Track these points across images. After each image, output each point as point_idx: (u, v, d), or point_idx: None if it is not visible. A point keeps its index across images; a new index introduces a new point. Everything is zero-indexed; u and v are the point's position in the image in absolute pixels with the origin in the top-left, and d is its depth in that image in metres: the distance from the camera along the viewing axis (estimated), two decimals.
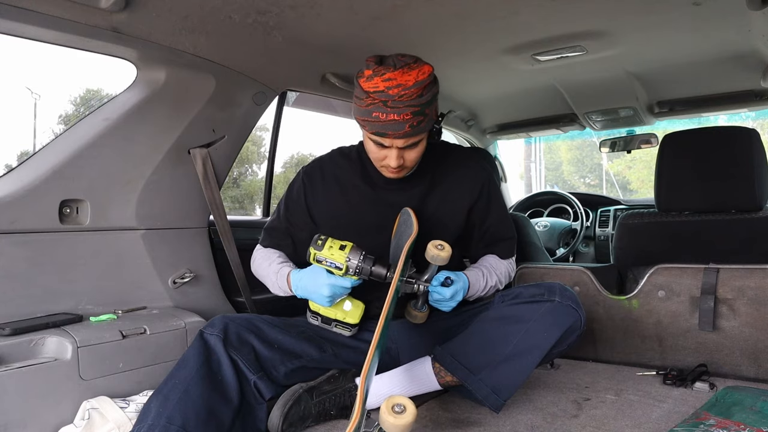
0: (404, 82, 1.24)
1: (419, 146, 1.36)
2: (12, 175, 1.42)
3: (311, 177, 1.56)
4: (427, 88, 1.27)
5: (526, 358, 1.31)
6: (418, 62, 1.28)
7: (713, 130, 1.91)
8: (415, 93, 1.25)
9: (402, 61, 1.27)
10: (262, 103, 1.86)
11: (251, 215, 6.02)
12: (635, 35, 1.80)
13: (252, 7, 1.45)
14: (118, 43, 1.40)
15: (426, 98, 1.27)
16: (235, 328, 1.29)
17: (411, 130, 1.27)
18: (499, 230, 1.58)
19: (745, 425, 1.17)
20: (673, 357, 1.79)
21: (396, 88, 1.24)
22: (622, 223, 2.02)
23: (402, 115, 1.25)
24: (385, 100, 1.25)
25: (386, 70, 1.26)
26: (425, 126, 1.30)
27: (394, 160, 1.34)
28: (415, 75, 1.26)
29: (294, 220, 1.57)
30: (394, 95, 1.24)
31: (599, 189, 15.70)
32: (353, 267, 1.30)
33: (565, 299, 1.35)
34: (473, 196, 1.52)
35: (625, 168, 15.56)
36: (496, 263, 1.56)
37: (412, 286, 1.36)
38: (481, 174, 1.55)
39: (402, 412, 0.88)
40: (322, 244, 1.32)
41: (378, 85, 1.25)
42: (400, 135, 1.28)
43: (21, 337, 1.28)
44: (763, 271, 1.64)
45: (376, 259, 1.32)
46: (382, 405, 0.90)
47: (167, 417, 1.10)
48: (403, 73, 1.25)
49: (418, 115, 1.26)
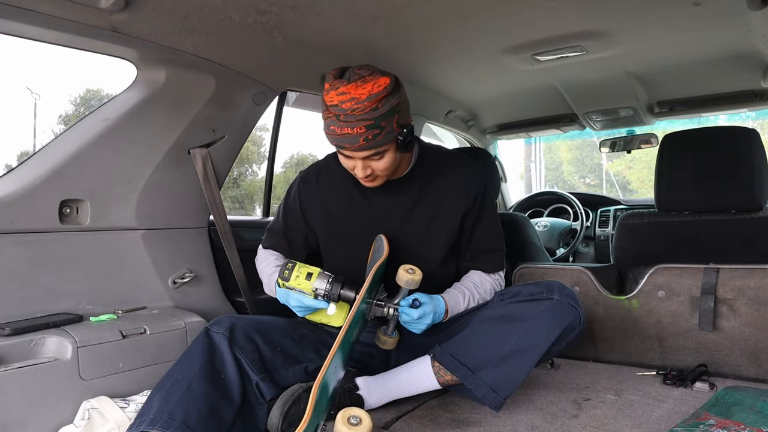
0: (357, 95, 1.23)
1: (386, 157, 1.34)
2: (12, 175, 1.42)
3: (307, 182, 1.59)
4: (383, 101, 1.25)
5: (525, 356, 1.31)
6: (374, 74, 1.26)
7: (713, 130, 1.91)
8: (368, 107, 1.23)
9: (358, 74, 1.25)
10: (262, 103, 1.86)
11: (251, 215, 6.02)
12: (635, 35, 1.80)
13: (252, 7, 1.45)
14: (118, 43, 1.40)
15: (381, 111, 1.25)
16: (241, 327, 1.30)
17: (366, 144, 1.27)
18: (488, 240, 1.56)
19: (745, 425, 1.17)
20: (673, 357, 1.79)
21: (349, 102, 1.23)
22: (622, 223, 2.02)
23: (355, 129, 1.24)
24: (338, 114, 1.25)
25: (341, 84, 1.24)
26: (382, 139, 1.28)
27: (360, 171, 1.35)
28: (370, 88, 1.24)
29: (290, 223, 1.60)
30: (346, 109, 1.23)
31: (599, 189, 15.71)
32: (321, 294, 1.32)
33: (564, 297, 1.35)
34: (468, 202, 1.50)
35: (625, 168, 15.57)
36: (480, 281, 1.55)
37: (382, 309, 1.37)
38: (478, 181, 1.53)
39: (358, 423, 0.88)
40: (289, 274, 1.33)
41: (333, 99, 1.25)
42: (355, 148, 1.28)
43: (21, 337, 1.28)
44: (763, 271, 1.64)
45: (345, 282, 1.33)
46: (338, 415, 0.90)
47: (169, 413, 1.10)
48: (357, 87, 1.23)
49: (373, 128, 1.25)
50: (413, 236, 1.50)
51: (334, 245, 1.58)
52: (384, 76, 1.27)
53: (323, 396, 0.99)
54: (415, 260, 1.42)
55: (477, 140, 3.21)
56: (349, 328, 1.16)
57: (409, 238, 1.50)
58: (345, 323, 1.13)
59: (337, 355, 1.10)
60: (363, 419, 0.89)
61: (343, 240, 1.55)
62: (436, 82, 2.30)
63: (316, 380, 0.95)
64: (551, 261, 2.83)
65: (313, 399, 0.90)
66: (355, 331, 1.30)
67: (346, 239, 1.55)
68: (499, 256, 1.58)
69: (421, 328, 1.38)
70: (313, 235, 1.61)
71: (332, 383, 1.10)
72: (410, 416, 1.42)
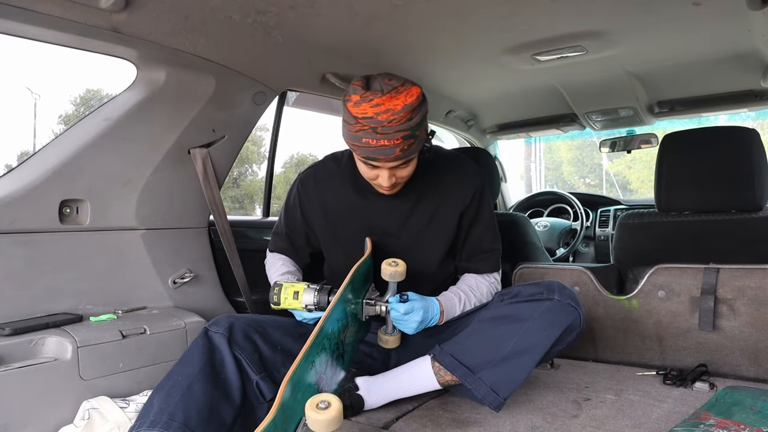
0: (393, 107, 1.22)
1: (411, 164, 1.35)
2: (12, 175, 1.42)
3: (306, 184, 1.59)
4: (416, 110, 1.25)
5: (525, 356, 1.31)
6: (405, 85, 1.26)
7: (713, 130, 1.91)
8: (404, 117, 1.22)
9: (389, 84, 1.24)
10: (262, 103, 1.86)
11: (251, 215, 6.02)
12: (635, 35, 1.80)
13: (252, 7, 1.45)
14: (118, 43, 1.40)
15: (416, 121, 1.25)
16: (240, 327, 1.30)
17: (402, 154, 1.26)
18: (484, 241, 1.55)
19: (745, 425, 1.17)
20: (673, 357, 1.79)
21: (385, 114, 1.21)
22: (622, 223, 2.02)
23: (393, 141, 1.23)
24: (374, 127, 1.22)
25: (374, 96, 1.22)
26: (416, 148, 1.29)
27: (386, 180, 1.34)
28: (404, 99, 1.23)
29: (292, 226, 1.62)
30: (383, 121, 1.21)
31: (599, 189, 15.70)
32: (312, 308, 1.34)
33: (564, 298, 1.35)
34: (465, 201, 1.50)
35: (625, 168, 15.57)
36: (476, 284, 1.54)
37: (374, 307, 1.37)
38: (476, 180, 1.53)
39: (327, 407, 0.89)
40: (278, 298, 1.35)
41: (366, 111, 1.22)
42: (391, 159, 1.28)
43: (21, 337, 1.28)
44: (763, 271, 1.64)
45: (331, 290, 1.34)
46: (307, 403, 0.90)
47: (169, 414, 1.10)
48: (391, 98, 1.22)
49: (409, 138, 1.25)
50: (412, 236, 1.50)
51: (334, 245, 1.58)
52: (414, 85, 1.27)
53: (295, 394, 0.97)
54: (415, 260, 1.43)
55: (477, 140, 3.21)
56: (326, 324, 1.13)
57: (408, 238, 1.50)
58: (321, 320, 1.11)
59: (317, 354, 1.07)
60: (332, 402, 0.89)
61: (343, 240, 1.56)
62: (436, 82, 2.30)
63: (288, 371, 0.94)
64: (551, 261, 2.83)
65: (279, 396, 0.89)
66: (350, 332, 1.30)
67: (346, 239, 1.55)
68: (495, 256, 1.58)
69: (412, 326, 1.37)
70: (315, 236, 1.61)
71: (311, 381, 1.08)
72: (410, 416, 1.42)
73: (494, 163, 2.49)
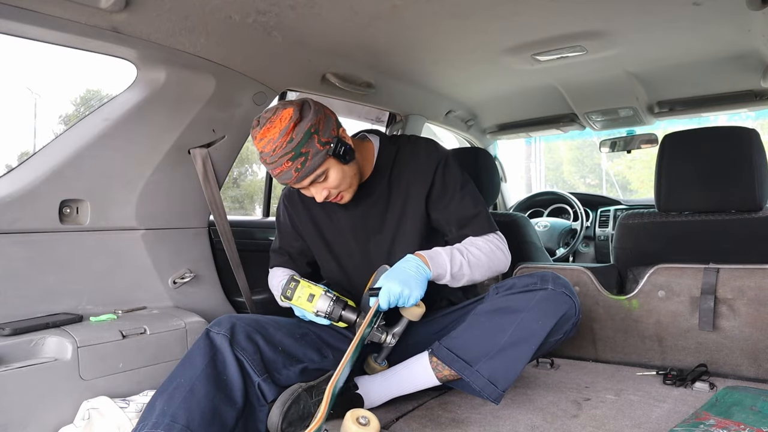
0: (271, 136, 1.28)
1: (331, 174, 1.35)
2: (12, 175, 1.42)
3: (291, 199, 1.64)
4: (294, 130, 1.27)
5: (522, 347, 1.32)
6: (277, 112, 1.30)
7: (713, 130, 1.91)
8: (284, 142, 1.27)
9: (265, 117, 1.31)
10: (262, 103, 1.86)
11: (251, 215, 6.02)
12: (635, 35, 1.80)
13: (252, 7, 1.45)
14: (118, 43, 1.40)
15: (297, 140, 1.27)
16: (242, 328, 1.30)
17: (299, 174, 1.31)
18: (464, 208, 1.48)
19: (745, 425, 1.17)
20: (673, 357, 1.79)
21: (268, 145, 1.29)
22: (622, 223, 2.02)
23: (283, 165, 1.30)
24: (265, 159, 1.31)
25: (257, 131, 1.31)
26: (312, 163, 1.30)
27: (318, 196, 1.39)
28: (278, 125, 1.28)
29: (286, 240, 1.68)
30: (269, 152, 1.29)
31: (599, 189, 15.70)
32: (322, 314, 1.36)
33: (559, 287, 1.35)
34: (427, 184, 1.48)
35: (625, 168, 15.57)
36: (469, 240, 1.47)
37: (380, 336, 1.38)
38: (431, 158, 1.49)
39: (366, 424, 0.90)
40: (292, 293, 1.38)
41: (258, 146, 1.32)
42: (294, 182, 1.33)
43: (21, 337, 1.28)
44: (763, 271, 1.64)
45: (346, 305, 1.37)
46: (347, 415, 0.91)
47: (171, 415, 1.10)
48: (268, 129, 1.29)
49: (297, 158, 1.28)
50: (392, 231, 1.52)
51: (325, 254, 1.61)
52: (286, 108, 1.30)
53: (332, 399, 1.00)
54: (396, 253, 1.46)
55: (477, 140, 3.21)
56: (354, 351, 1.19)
57: (389, 234, 1.52)
58: (351, 346, 1.17)
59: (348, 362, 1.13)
60: (371, 420, 0.91)
61: (332, 249, 1.60)
62: (436, 82, 2.30)
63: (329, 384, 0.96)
64: (551, 261, 2.84)
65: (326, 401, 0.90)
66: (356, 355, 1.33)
67: (335, 248, 1.59)
68: (481, 218, 1.49)
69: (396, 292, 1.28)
70: (307, 246, 1.65)
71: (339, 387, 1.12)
72: (410, 416, 1.42)
73: (494, 163, 2.49)
